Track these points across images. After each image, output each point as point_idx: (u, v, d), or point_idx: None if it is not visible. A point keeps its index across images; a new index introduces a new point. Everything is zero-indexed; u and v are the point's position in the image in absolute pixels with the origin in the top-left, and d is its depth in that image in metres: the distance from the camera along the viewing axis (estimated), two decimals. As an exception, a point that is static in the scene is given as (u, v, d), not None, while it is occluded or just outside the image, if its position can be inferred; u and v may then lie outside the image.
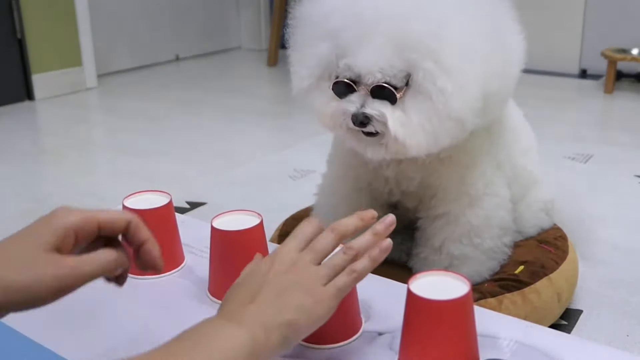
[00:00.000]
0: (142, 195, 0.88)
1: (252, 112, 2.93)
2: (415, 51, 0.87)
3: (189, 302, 0.79)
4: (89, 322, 0.75)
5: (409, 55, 0.87)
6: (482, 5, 0.95)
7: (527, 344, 0.70)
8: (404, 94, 0.90)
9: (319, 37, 0.94)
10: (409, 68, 0.88)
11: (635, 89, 3.14)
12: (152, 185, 1.13)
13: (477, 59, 0.89)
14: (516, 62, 0.98)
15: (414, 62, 0.88)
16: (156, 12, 3.89)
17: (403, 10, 0.88)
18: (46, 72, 3.16)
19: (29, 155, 2.39)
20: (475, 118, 0.91)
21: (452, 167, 1.04)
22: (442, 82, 0.87)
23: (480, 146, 1.06)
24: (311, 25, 0.95)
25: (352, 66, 0.90)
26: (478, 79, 0.89)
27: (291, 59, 1.00)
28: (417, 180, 1.07)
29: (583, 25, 3.38)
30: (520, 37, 1.00)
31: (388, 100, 0.90)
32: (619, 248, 1.55)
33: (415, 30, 0.86)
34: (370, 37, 0.88)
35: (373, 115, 0.90)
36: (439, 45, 0.86)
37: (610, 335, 1.22)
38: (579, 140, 2.40)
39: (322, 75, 0.96)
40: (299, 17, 0.98)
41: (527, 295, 1.10)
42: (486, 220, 1.09)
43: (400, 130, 0.90)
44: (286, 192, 1.93)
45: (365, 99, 0.91)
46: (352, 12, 0.90)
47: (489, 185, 1.08)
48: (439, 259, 1.10)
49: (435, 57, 0.86)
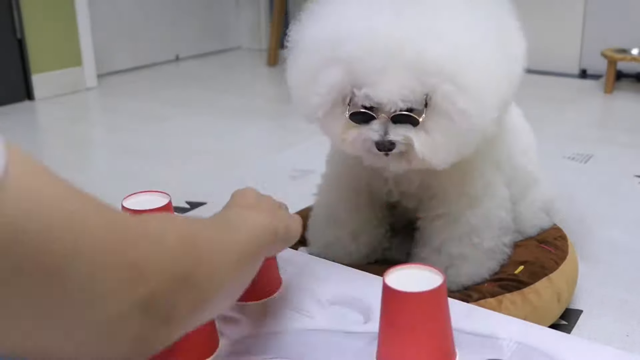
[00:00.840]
0: (142, 195, 0.88)
1: (252, 111, 2.93)
2: (434, 75, 0.86)
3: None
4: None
5: (427, 80, 0.87)
6: (490, 11, 0.95)
7: (527, 344, 0.70)
8: (425, 115, 0.90)
9: (329, 63, 0.91)
10: (428, 91, 0.88)
11: (635, 89, 3.14)
12: (152, 185, 1.13)
13: (493, 71, 0.90)
14: (520, 61, 0.99)
15: (433, 86, 0.87)
16: (156, 12, 3.88)
17: (418, 35, 0.87)
18: (46, 72, 3.16)
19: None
20: (495, 126, 0.93)
21: (452, 169, 1.04)
22: (462, 103, 0.87)
23: (480, 147, 1.06)
24: (320, 50, 0.92)
25: (372, 96, 0.88)
26: (495, 90, 0.90)
27: (292, 81, 0.98)
28: (417, 182, 1.07)
29: (583, 25, 3.38)
30: (522, 36, 1.00)
31: (410, 124, 0.90)
32: (619, 248, 1.55)
33: (432, 56, 0.86)
34: (388, 67, 0.87)
35: (398, 140, 0.90)
36: (456, 66, 0.87)
37: (610, 335, 1.22)
38: (579, 141, 2.40)
39: (336, 101, 0.94)
40: (302, 40, 0.96)
41: (527, 295, 1.10)
42: (486, 220, 1.09)
43: (426, 150, 0.91)
44: (286, 192, 1.93)
45: (387, 125, 0.90)
46: (367, 41, 0.88)
47: (489, 185, 1.08)
48: (438, 259, 1.10)
49: (454, 78, 0.87)
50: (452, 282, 1.10)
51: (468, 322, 0.75)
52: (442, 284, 0.63)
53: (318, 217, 1.21)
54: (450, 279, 1.10)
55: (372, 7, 0.90)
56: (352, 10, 0.91)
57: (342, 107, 0.94)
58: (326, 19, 0.93)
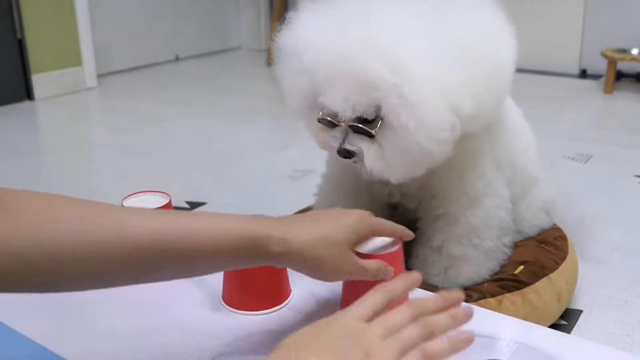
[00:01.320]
0: (141, 195, 0.88)
1: (252, 112, 2.93)
2: (378, 89, 0.87)
3: (188, 304, 0.80)
4: (90, 323, 0.75)
5: (372, 94, 0.88)
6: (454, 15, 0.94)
7: (527, 344, 0.70)
8: (379, 128, 0.91)
9: (298, 71, 0.95)
10: (376, 104, 0.89)
11: (635, 89, 3.14)
12: (152, 185, 1.13)
13: (444, 83, 0.88)
14: (506, 62, 0.97)
15: (378, 99, 0.88)
16: (156, 12, 3.89)
17: (364, 47, 0.88)
18: (46, 72, 3.16)
19: (29, 155, 2.39)
20: (446, 146, 0.91)
21: (452, 169, 1.04)
22: (404, 118, 0.87)
23: (480, 147, 1.06)
24: (292, 58, 0.97)
25: (326, 105, 0.92)
26: (447, 104, 0.88)
27: (280, 83, 1.02)
28: (417, 183, 1.07)
29: (583, 25, 3.38)
30: (510, 35, 0.99)
31: (366, 135, 0.92)
32: (619, 248, 1.55)
33: (374, 69, 0.87)
34: (336, 78, 0.90)
35: (353, 150, 0.93)
36: (400, 79, 0.86)
37: (610, 335, 1.22)
38: (579, 141, 2.40)
39: (311, 105, 0.97)
40: (281, 48, 0.99)
41: (527, 295, 1.10)
42: (486, 221, 1.09)
43: (376, 164, 0.93)
44: (286, 192, 1.93)
45: (347, 134, 0.93)
46: (322, 52, 0.91)
47: (489, 185, 1.08)
48: (438, 260, 1.10)
49: (399, 91, 0.87)
50: (452, 282, 1.11)
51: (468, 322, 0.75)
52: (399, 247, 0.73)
53: None
54: (450, 279, 1.10)
55: (338, 19, 0.93)
56: (321, 21, 0.94)
57: (317, 111, 0.96)
58: (300, 28, 0.96)
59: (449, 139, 0.90)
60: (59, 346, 0.70)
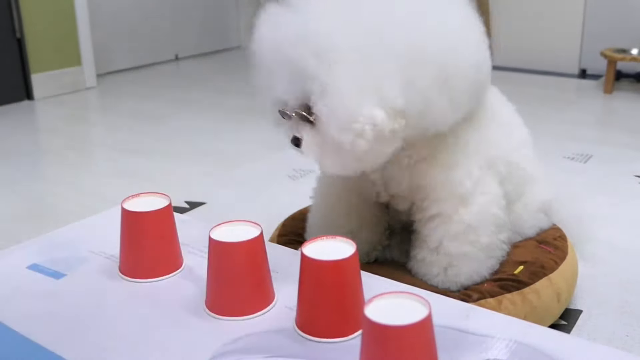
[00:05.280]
0: (141, 197, 0.88)
1: (252, 112, 2.93)
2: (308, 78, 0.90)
3: (187, 305, 0.80)
4: (89, 322, 0.75)
5: (304, 85, 0.91)
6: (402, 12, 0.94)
7: (526, 344, 0.70)
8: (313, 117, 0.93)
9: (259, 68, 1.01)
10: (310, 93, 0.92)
11: (635, 89, 3.14)
12: (152, 185, 1.13)
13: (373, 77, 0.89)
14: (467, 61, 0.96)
15: (309, 89, 0.91)
16: (156, 12, 3.89)
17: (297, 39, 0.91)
18: (45, 71, 3.16)
19: (29, 155, 2.39)
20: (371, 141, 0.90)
21: (438, 168, 1.05)
22: (319, 107, 0.90)
23: (465, 145, 1.06)
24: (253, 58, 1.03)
25: (277, 96, 0.97)
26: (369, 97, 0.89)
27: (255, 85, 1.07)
28: (405, 183, 1.07)
29: (583, 25, 3.38)
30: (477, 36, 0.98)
31: (308, 122, 0.94)
32: (619, 248, 1.55)
33: (303, 59, 0.90)
34: (275, 70, 0.95)
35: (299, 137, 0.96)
36: (322, 69, 0.89)
37: (610, 335, 1.22)
38: (579, 141, 2.40)
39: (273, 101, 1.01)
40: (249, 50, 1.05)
41: (527, 295, 1.10)
42: (479, 217, 1.08)
43: (311, 151, 0.95)
44: (285, 192, 1.93)
45: (297, 123, 0.96)
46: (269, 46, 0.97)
47: (479, 183, 1.08)
48: (436, 259, 1.10)
49: (320, 81, 0.89)
50: (452, 282, 1.10)
51: (468, 322, 0.75)
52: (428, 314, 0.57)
53: (315, 221, 1.21)
54: (450, 278, 1.10)
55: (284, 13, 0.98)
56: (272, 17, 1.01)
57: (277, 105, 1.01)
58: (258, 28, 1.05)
59: (367, 133, 0.89)
60: (59, 346, 0.70)
